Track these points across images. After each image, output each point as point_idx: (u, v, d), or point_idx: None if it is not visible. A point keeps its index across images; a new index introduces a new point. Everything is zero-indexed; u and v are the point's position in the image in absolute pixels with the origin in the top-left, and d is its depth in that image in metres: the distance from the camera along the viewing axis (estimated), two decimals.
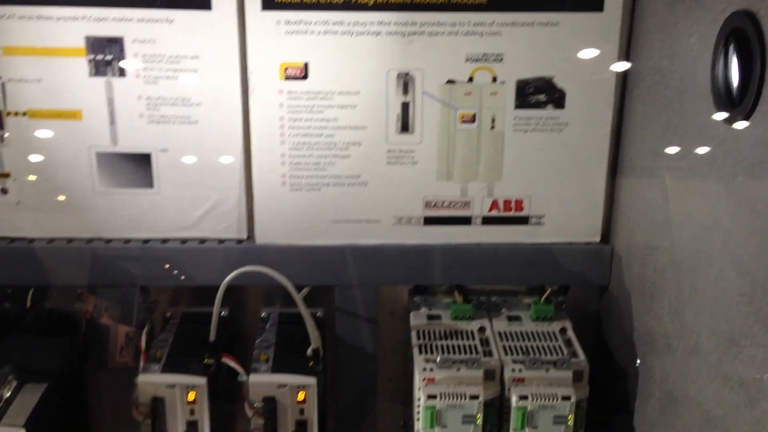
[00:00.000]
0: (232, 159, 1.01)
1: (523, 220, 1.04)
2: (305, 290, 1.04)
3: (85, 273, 1.02)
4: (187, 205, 1.03)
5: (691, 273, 0.83)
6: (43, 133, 0.99)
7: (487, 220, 1.04)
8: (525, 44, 0.97)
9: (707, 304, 0.79)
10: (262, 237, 1.03)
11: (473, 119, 0.99)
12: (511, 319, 1.08)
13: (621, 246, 1.03)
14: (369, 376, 1.11)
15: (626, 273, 1.02)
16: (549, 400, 0.94)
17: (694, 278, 0.83)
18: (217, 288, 0.97)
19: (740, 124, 0.72)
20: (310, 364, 0.99)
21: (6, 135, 0.99)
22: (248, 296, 1.12)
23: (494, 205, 1.03)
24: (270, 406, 0.96)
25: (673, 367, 0.88)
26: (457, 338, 1.04)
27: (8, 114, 0.98)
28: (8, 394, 0.89)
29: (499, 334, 1.05)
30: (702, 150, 0.80)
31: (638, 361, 0.98)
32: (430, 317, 1.08)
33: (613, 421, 1.04)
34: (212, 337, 0.99)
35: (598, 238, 1.06)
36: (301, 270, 1.02)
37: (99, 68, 0.96)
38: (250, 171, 1.01)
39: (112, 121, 0.98)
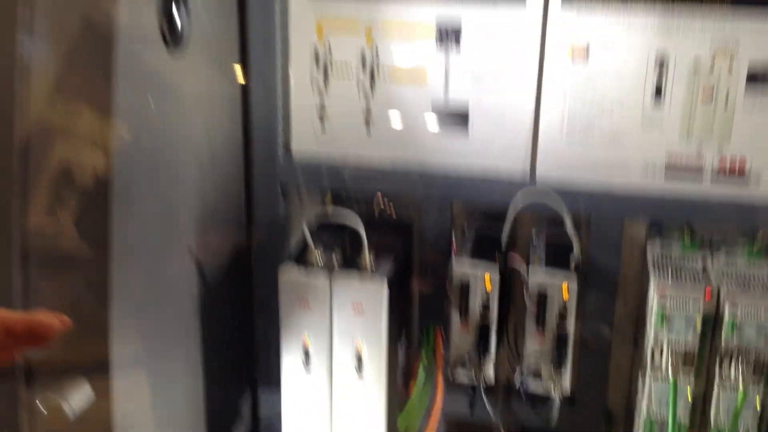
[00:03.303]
0: (524, 114, 1.38)
1: (745, 179, 1.34)
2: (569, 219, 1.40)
3: (416, 190, 1.44)
4: (487, 148, 1.41)
5: None
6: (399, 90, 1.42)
7: (716, 176, 1.35)
8: (758, 34, 1.27)
9: None
10: (541, 176, 1.40)
11: (711, 92, 1.31)
12: (728, 254, 1.39)
13: None
14: (608, 300, 1.44)
15: None
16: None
17: None
18: (504, 212, 1.35)
19: None
20: (574, 269, 1.35)
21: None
22: (523, 221, 1.49)
23: (722, 162, 1.34)
24: (543, 296, 1.33)
25: None
26: (685, 263, 1.36)
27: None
28: (372, 261, 1.33)
29: (719, 268, 1.36)
30: None
31: None
32: (663, 247, 1.41)
33: None
34: (503, 243, 1.38)
35: None
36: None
37: (441, 44, 1.37)
38: (538, 123, 1.38)
39: (446, 81, 1.39)
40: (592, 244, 1.41)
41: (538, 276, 1.34)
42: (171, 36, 1.16)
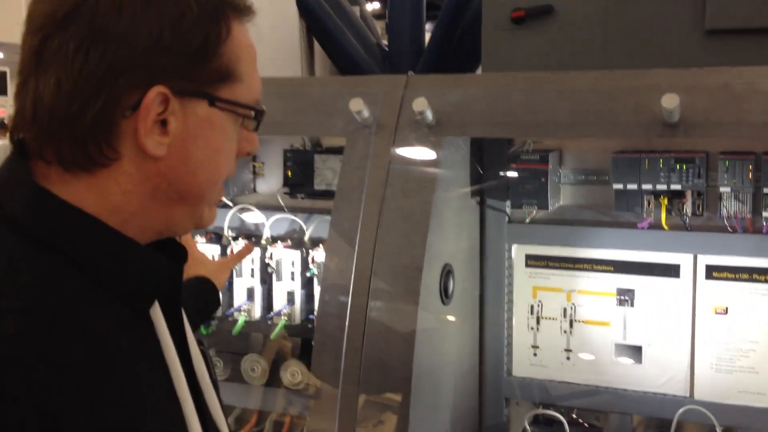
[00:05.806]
0: (683, 350, 1.94)
1: None
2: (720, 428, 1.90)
3: (603, 403, 1.99)
4: (656, 374, 1.97)
5: None
6: (589, 329, 2.02)
7: None
8: None
9: None
10: (698, 396, 1.93)
11: None
12: None
13: None
14: None
15: None
16: None
17: None
18: (669, 421, 1.88)
19: None
20: None
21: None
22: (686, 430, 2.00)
23: None
24: None
25: None
26: None
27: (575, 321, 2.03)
28: None
29: None
30: None
31: None
32: None
33: None
34: None
35: None
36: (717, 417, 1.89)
37: (621, 302, 1.99)
38: (693, 357, 1.93)
39: (624, 326, 1.99)
40: None
41: None
42: (445, 294, 1.85)
